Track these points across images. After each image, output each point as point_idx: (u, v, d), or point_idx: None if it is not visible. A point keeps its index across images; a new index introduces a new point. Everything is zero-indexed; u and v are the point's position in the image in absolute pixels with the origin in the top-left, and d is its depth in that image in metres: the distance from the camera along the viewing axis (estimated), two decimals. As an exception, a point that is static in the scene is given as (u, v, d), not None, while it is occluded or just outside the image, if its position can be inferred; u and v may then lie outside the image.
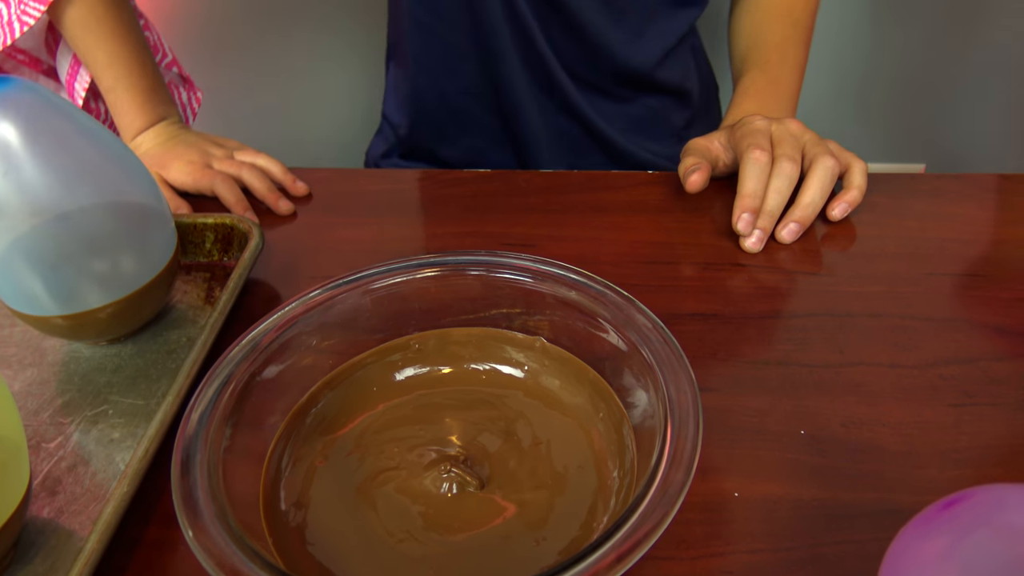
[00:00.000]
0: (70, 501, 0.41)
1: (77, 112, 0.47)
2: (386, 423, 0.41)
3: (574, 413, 0.41)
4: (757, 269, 0.56)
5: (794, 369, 0.47)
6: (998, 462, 0.41)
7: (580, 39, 0.77)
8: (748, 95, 0.72)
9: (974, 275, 0.54)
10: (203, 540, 0.30)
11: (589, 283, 0.41)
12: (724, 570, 0.36)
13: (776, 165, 0.57)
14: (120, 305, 0.47)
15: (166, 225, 0.50)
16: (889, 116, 1.72)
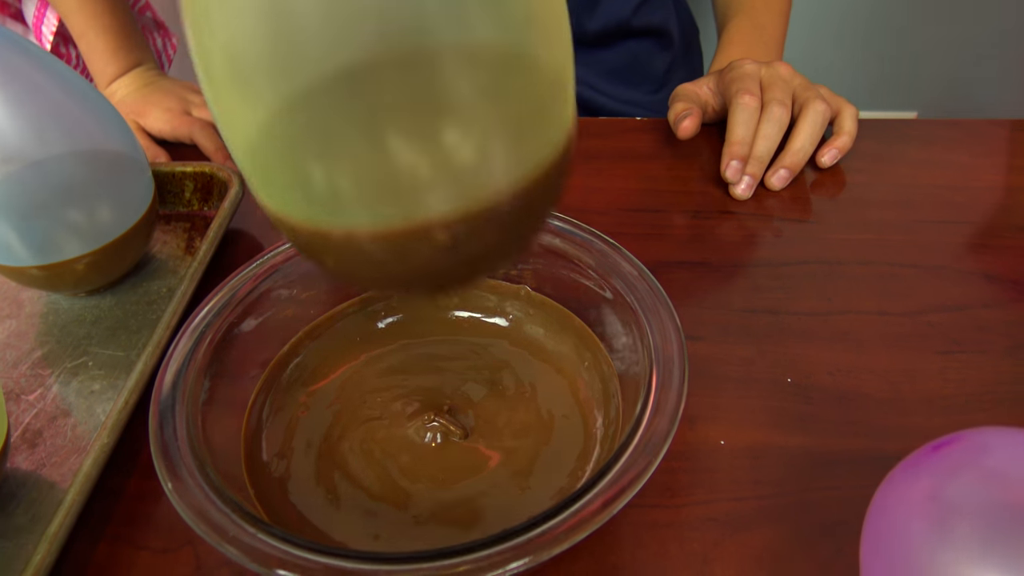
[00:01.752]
0: (51, 453, 0.40)
1: (47, 57, 0.45)
2: (369, 373, 0.41)
3: (559, 361, 0.41)
4: (746, 216, 0.55)
5: (782, 317, 0.46)
6: (984, 408, 0.41)
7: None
8: (734, 41, 0.71)
9: (964, 222, 0.53)
10: (182, 492, 0.29)
11: (574, 231, 0.40)
12: (709, 517, 0.36)
13: (766, 110, 0.56)
14: (97, 255, 0.47)
15: (143, 173, 0.49)
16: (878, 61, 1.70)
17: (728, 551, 0.35)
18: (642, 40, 0.82)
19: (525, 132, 0.24)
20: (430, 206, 0.23)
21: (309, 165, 0.23)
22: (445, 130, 0.22)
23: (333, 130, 0.22)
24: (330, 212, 0.24)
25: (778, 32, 0.73)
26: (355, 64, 0.21)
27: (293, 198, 0.24)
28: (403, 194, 0.23)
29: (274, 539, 0.28)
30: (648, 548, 0.35)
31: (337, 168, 0.23)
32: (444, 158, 0.22)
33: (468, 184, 0.23)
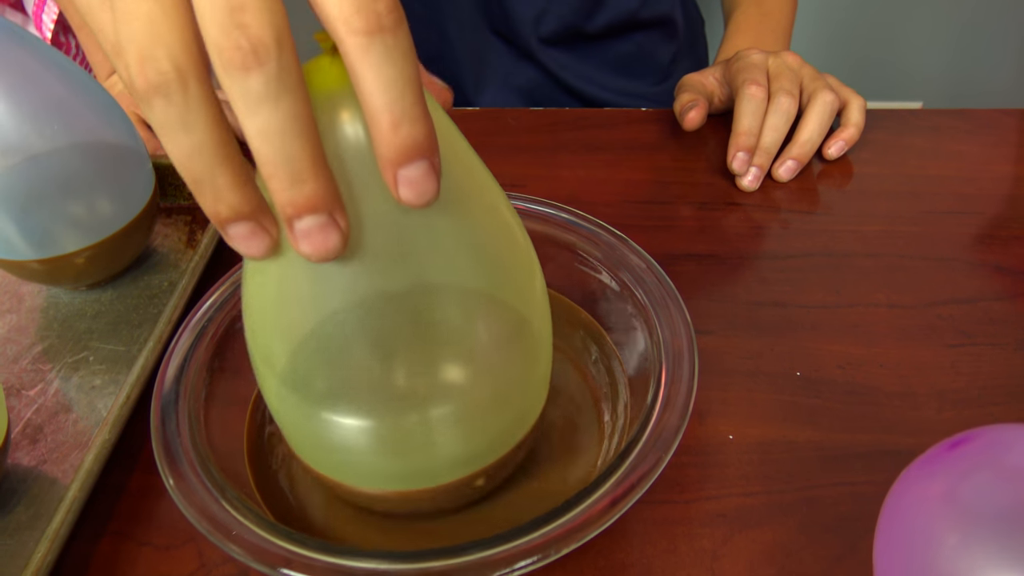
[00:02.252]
0: (52, 449, 0.40)
1: (46, 48, 0.44)
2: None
3: (567, 355, 0.40)
4: (753, 208, 0.54)
5: (790, 310, 0.46)
6: (996, 403, 0.40)
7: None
8: (741, 30, 0.70)
9: (974, 213, 0.53)
10: (184, 489, 0.29)
11: (581, 223, 0.40)
12: (718, 513, 0.36)
13: (773, 100, 0.55)
14: (97, 249, 0.46)
15: (143, 166, 0.48)
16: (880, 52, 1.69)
17: (738, 547, 0.34)
18: (647, 31, 0.81)
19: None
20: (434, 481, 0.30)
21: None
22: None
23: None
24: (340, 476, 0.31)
25: (786, 20, 0.73)
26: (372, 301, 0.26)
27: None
28: (418, 473, 0.30)
29: (278, 537, 0.28)
30: (657, 544, 0.34)
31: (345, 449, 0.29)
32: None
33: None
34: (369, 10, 0.20)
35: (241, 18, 0.19)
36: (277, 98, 0.20)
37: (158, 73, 0.20)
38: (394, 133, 0.21)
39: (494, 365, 0.29)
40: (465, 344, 0.28)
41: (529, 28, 0.75)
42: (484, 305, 0.28)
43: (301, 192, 0.22)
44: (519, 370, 0.30)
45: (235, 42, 0.19)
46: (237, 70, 0.20)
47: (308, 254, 0.23)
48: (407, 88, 0.21)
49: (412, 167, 0.22)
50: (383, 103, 0.21)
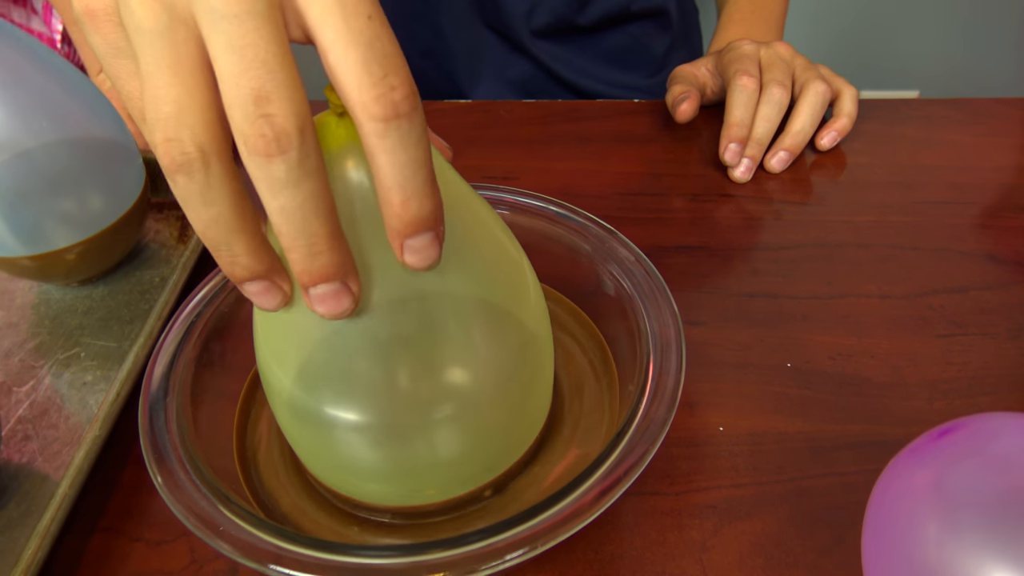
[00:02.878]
0: (44, 445, 0.40)
1: (34, 43, 0.44)
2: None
3: (556, 348, 0.40)
4: (745, 199, 0.54)
5: (782, 301, 0.46)
6: (987, 391, 0.40)
7: None
8: (734, 20, 0.70)
9: (966, 203, 0.53)
10: (172, 486, 0.29)
11: (570, 215, 0.40)
12: (708, 504, 0.36)
13: (765, 91, 0.55)
14: (88, 244, 0.46)
15: (133, 161, 0.48)
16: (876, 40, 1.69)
17: (727, 538, 0.34)
18: (641, 23, 0.81)
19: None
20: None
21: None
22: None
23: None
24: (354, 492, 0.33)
25: (779, 9, 0.72)
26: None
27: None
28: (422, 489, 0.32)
29: (267, 533, 0.28)
30: (647, 536, 0.35)
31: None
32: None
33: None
34: (387, 99, 0.21)
35: (266, 108, 0.20)
36: (298, 183, 0.21)
37: (182, 153, 0.21)
38: (404, 209, 0.23)
39: (502, 381, 0.30)
40: (472, 362, 0.29)
41: (521, 21, 0.75)
42: (489, 321, 0.30)
43: (317, 263, 0.23)
44: (527, 384, 0.31)
45: (259, 130, 0.21)
46: (261, 156, 0.21)
47: (322, 314, 0.25)
48: (418, 170, 0.22)
49: (418, 238, 0.24)
50: (394, 182, 0.22)
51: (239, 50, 0.20)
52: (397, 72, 0.21)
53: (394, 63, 0.21)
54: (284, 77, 0.21)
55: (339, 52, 0.21)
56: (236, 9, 0.20)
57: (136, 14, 0.21)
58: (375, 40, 0.21)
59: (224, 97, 0.21)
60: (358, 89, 0.21)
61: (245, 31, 0.20)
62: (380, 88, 0.21)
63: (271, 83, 0.20)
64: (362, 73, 0.21)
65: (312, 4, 0.21)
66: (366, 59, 0.21)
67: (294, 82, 0.21)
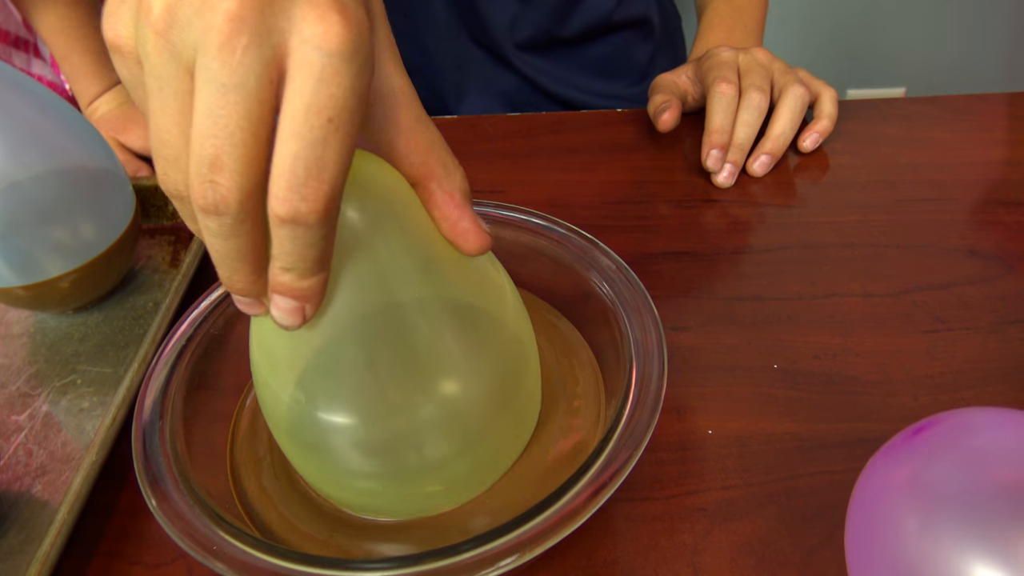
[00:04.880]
0: (42, 472, 0.41)
1: (21, 77, 0.45)
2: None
3: (540, 359, 0.41)
4: (730, 204, 0.55)
5: (767, 303, 0.46)
6: (971, 386, 0.41)
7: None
8: (713, 26, 0.71)
9: (947, 199, 0.53)
10: (166, 508, 0.29)
11: (552, 227, 0.40)
12: (698, 507, 0.36)
13: (744, 97, 0.56)
14: (81, 272, 0.47)
15: (123, 188, 0.49)
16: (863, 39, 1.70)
17: (718, 540, 0.35)
18: (623, 32, 0.82)
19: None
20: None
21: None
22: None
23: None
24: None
25: (758, 14, 0.73)
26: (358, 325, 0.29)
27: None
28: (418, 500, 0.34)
29: (261, 551, 0.28)
30: (639, 541, 0.35)
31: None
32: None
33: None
34: (292, 206, 0.23)
35: (216, 175, 0.22)
36: (227, 237, 0.24)
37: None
38: (278, 274, 0.25)
39: (493, 386, 0.32)
40: (461, 368, 0.31)
41: (504, 35, 0.76)
42: (475, 328, 0.31)
43: (237, 286, 0.26)
44: (515, 388, 0.33)
45: (204, 192, 0.22)
46: (200, 210, 0.23)
47: (240, 309, 0.28)
48: (300, 263, 0.25)
49: (283, 300, 0.26)
50: (277, 256, 0.25)
51: (214, 116, 0.22)
52: (319, 186, 0.22)
53: (323, 176, 0.22)
54: (244, 153, 0.22)
55: (282, 137, 0.22)
56: (227, 79, 0.21)
57: (150, 58, 0.22)
58: (318, 144, 0.22)
59: (190, 150, 0.22)
60: (276, 179, 0.22)
61: (226, 102, 0.21)
62: (291, 192, 0.22)
63: (229, 154, 0.22)
64: (285, 167, 0.22)
65: (292, 79, 0.22)
66: (297, 157, 0.22)
67: (253, 162, 0.22)
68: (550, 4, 0.74)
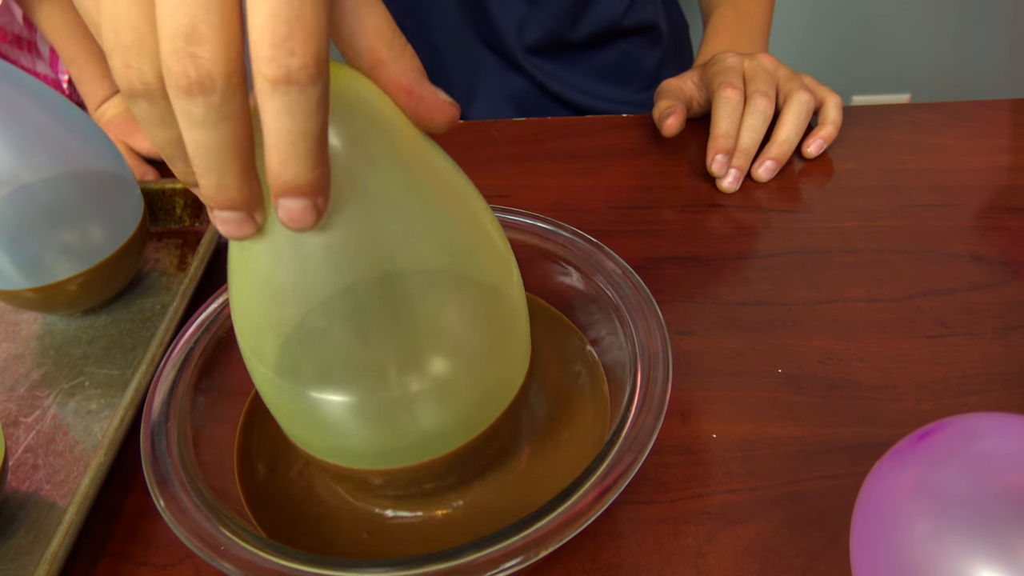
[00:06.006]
0: (51, 474, 0.41)
1: (30, 80, 0.45)
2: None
3: (546, 362, 0.41)
4: (734, 209, 0.55)
5: (771, 308, 0.46)
6: (976, 391, 0.41)
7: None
8: (719, 32, 0.71)
9: (952, 205, 0.53)
10: (175, 509, 0.30)
11: (558, 231, 0.40)
12: (703, 511, 0.36)
13: (749, 102, 0.56)
14: (89, 275, 0.47)
15: (131, 192, 0.49)
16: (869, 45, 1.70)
17: (722, 544, 0.35)
18: (632, 38, 0.82)
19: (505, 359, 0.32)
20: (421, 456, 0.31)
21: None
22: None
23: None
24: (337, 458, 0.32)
25: (763, 20, 0.73)
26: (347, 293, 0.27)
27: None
28: (401, 449, 0.31)
29: (268, 552, 0.28)
30: (643, 544, 0.35)
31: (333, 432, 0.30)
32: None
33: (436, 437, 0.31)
34: (282, 63, 0.21)
35: (195, 48, 0.20)
36: (215, 124, 0.21)
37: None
38: (280, 170, 0.22)
39: (469, 336, 0.30)
40: (438, 320, 0.29)
41: (514, 37, 0.76)
42: (453, 280, 0.29)
43: (225, 195, 0.23)
44: (495, 338, 0.31)
45: (184, 68, 0.20)
46: (182, 92, 0.21)
47: (223, 232, 0.25)
48: (301, 140, 0.22)
49: (292, 200, 0.23)
50: (274, 143, 0.22)
51: None
52: (305, 39, 0.21)
53: (307, 29, 0.21)
54: (221, 21, 0.20)
55: (253, 1, 0.21)
56: None
57: None
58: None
59: (158, 28, 0.21)
60: (258, 43, 0.21)
61: None
62: (278, 49, 0.20)
63: (207, 22, 0.20)
64: (265, 27, 0.20)
65: None
66: (276, 14, 0.20)
67: (231, 28, 0.21)
68: (559, 8, 0.75)
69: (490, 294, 0.31)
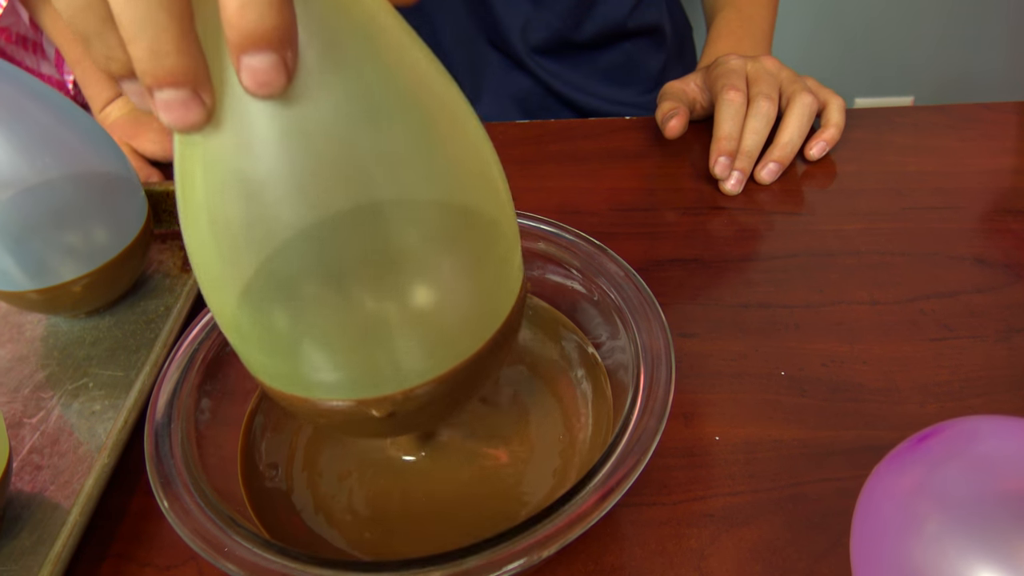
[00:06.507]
0: (55, 475, 0.41)
1: (34, 82, 0.45)
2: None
3: (548, 363, 0.41)
4: (737, 211, 0.55)
5: (774, 311, 0.46)
6: (979, 394, 0.41)
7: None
8: (722, 35, 0.71)
9: (955, 207, 0.53)
10: (178, 510, 0.30)
11: (560, 233, 0.41)
12: (705, 513, 0.36)
13: (752, 105, 0.56)
14: (93, 277, 0.47)
15: (135, 194, 0.49)
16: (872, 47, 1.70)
17: (725, 546, 0.35)
18: (636, 40, 0.82)
19: (482, 288, 0.29)
20: (399, 382, 0.28)
21: (281, 345, 0.27)
22: (403, 285, 0.26)
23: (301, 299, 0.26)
24: (304, 389, 0.28)
25: (766, 23, 0.74)
26: (319, 228, 0.24)
27: (270, 371, 0.29)
28: (370, 372, 0.27)
29: (271, 553, 0.28)
30: (646, 546, 0.35)
31: (305, 350, 0.27)
32: (405, 316, 0.26)
33: (422, 347, 0.27)
34: None
35: None
36: None
37: None
38: (239, 17, 0.19)
39: (450, 251, 0.27)
40: (418, 234, 0.26)
41: (518, 37, 0.76)
42: (437, 197, 0.27)
43: (163, 64, 0.20)
44: (478, 257, 0.28)
45: None
46: None
47: (168, 123, 0.21)
48: None
49: (256, 56, 0.20)
50: None
51: None
52: None
53: None
54: None
55: None
56: None
57: None
58: None
59: None
60: None
61: None
62: None
63: None
64: None
65: None
66: None
67: None
68: (564, 8, 0.75)
69: (486, 227, 0.28)
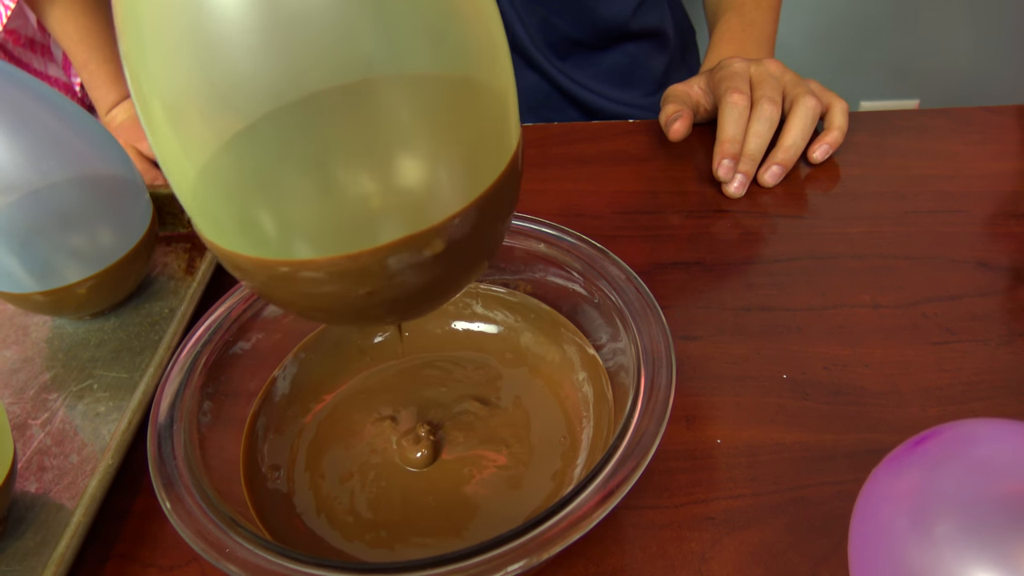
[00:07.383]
0: (59, 476, 0.41)
1: (40, 86, 0.46)
2: (364, 389, 0.42)
3: (550, 366, 0.41)
4: (740, 214, 0.55)
5: (777, 314, 0.46)
6: (980, 397, 0.41)
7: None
8: (725, 39, 0.71)
9: (957, 211, 0.53)
10: (180, 511, 0.30)
11: (562, 236, 0.41)
12: (706, 516, 0.36)
13: (756, 107, 0.56)
14: (98, 279, 0.47)
15: (140, 196, 0.50)
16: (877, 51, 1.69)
17: (726, 549, 0.35)
18: (639, 42, 0.82)
19: (469, 152, 0.26)
20: (376, 236, 0.24)
21: (252, 203, 0.24)
22: (387, 157, 0.23)
23: (275, 167, 0.23)
24: (278, 249, 0.25)
25: (768, 27, 0.74)
26: (294, 102, 0.22)
27: (238, 236, 0.25)
28: (350, 227, 0.24)
29: (273, 554, 0.29)
30: (647, 549, 0.35)
31: (282, 204, 0.24)
32: (387, 186, 0.24)
33: (412, 211, 0.24)
34: None
35: None
36: None
37: None
38: None
39: (444, 123, 0.24)
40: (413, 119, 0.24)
41: (525, 34, 0.77)
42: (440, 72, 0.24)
43: None
44: (474, 127, 0.26)
45: None
46: None
47: None
48: None
49: None
50: None
51: None
52: None
53: None
54: None
55: None
56: None
57: None
58: None
59: None
60: None
61: None
62: None
63: None
64: None
65: None
66: None
67: None
68: (564, 7, 0.75)
69: (488, 100, 0.26)
